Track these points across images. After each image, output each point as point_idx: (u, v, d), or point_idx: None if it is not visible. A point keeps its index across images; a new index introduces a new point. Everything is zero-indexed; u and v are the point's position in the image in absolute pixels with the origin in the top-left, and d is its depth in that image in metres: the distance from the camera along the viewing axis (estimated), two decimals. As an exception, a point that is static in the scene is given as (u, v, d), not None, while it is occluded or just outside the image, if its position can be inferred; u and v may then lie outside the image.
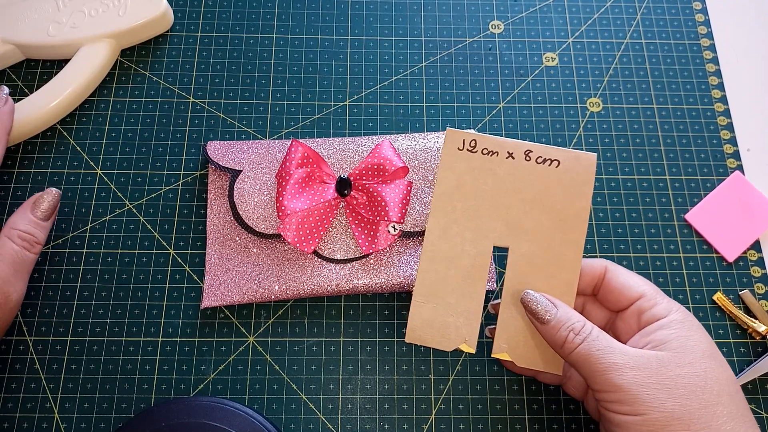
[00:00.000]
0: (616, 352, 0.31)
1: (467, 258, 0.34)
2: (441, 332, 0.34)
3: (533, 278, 0.34)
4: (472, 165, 0.35)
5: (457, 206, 0.35)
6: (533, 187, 0.35)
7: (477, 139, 0.35)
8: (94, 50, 0.45)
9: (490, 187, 0.35)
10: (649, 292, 0.34)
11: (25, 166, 0.44)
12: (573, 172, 0.35)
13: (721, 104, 0.47)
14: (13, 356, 0.39)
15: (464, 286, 0.34)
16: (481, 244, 0.35)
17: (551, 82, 0.48)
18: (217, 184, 0.42)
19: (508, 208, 0.35)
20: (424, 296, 0.34)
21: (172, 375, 0.39)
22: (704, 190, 0.45)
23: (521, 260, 0.34)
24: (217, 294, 0.39)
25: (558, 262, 0.34)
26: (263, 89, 0.47)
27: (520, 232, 0.35)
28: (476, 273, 0.34)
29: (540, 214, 0.35)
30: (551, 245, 0.34)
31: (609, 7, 0.50)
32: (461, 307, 0.34)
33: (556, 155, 0.35)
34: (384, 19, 0.49)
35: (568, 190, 0.35)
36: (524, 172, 0.35)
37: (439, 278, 0.34)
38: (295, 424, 0.38)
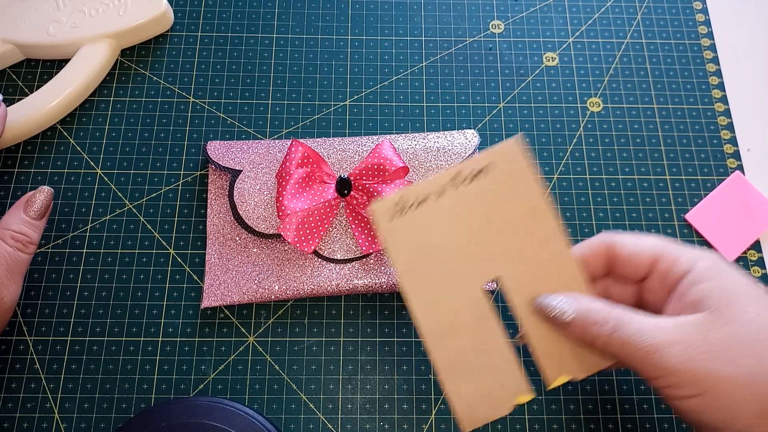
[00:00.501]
0: (651, 330, 0.27)
1: (467, 315, 0.31)
2: (491, 401, 0.31)
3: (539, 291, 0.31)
4: (412, 227, 0.31)
5: (425, 273, 0.31)
6: (482, 208, 0.31)
7: (398, 200, 0.31)
8: (94, 50, 0.45)
9: (445, 234, 0.31)
10: (665, 249, 0.30)
11: (25, 166, 0.44)
12: (508, 169, 0.31)
13: (721, 104, 0.47)
14: (13, 356, 0.39)
15: (481, 343, 0.31)
16: (471, 293, 0.31)
17: (551, 82, 0.48)
18: (217, 184, 0.42)
19: (471, 244, 0.31)
20: (452, 377, 0.31)
21: (172, 375, 0.39)
22: (704, 190, 0.45)
23: (516, 282, 0.31)
24: (217, 294, 0.39)
25: (551, 262, 0.31)
26: (263, 89, 0.47)
27: (499, 259, 0.31)
28: (484, 323, 0.31)
29: (505, 229, 0.31)
30: (535, 251, 0.31)
31: (609, 7, 0.50)
32: (491, 364, 0.31)
33: (481, 162, 0.31)
34: (384, 19, 0.49)
35: (514, 188, 0.31)
36: (464, 199, 0.31)
37: (454, 352, 0.31)
38: (295, 424, 0.38)
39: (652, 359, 0.26)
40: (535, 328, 0.31)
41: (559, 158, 0.45)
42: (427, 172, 0.42)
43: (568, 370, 0.31)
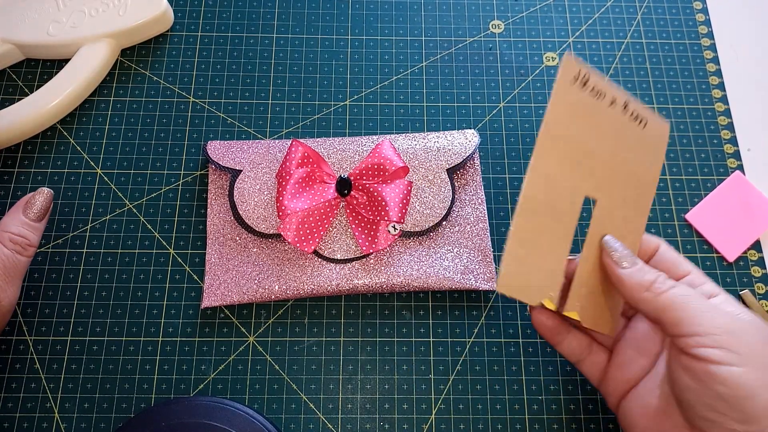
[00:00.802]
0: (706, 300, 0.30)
1: (563, 204, 0.32)
2: (530, 283, 0.32)
3: (612, 227, 0.33)
4: (581, 104, 0.32)
5: (563, 146, 0.32)
6: (624, 142, 0.34)
7: (589, 75, 0.32)
8: (94, 50, 0.45)
9: (594, 136, 0.33)
10: (695, 271, 0.33)
11: (25, 166, 0.44)
12: (654, 136, 0.34)
13: (721, 104, 0.47)
14: (13, 356, 0.39)
15: (555, 235, 0.32)
16: (577, 192, 0.33)
17: (552, 81, 0.48)
18: (217, 183, 0.42)
19: (603, 160, 0.33)
20: (521, 240, 0.31)
21: (172, 375, 0.39)
22: (704, 190, 0.45)
23: (604, 215, 0.33)
24: (217, 294, 0.39)
25: (629, 222, 0.34)
26: (263, 89, 0.47)
27: (609, 187, 0.33)
28: (567, 223, 0.32)
29: (626, 171, 0.34)
30: (629, 205, 0.34)
31: (609, 7, 0.50)
32: (552, 257, 0.32)
33: (645, 115, 0.34)
34: (384, 19, 0.49)
35: (648, 153, 0.34)
36: (621, 125, 0.33)
37: (536, 222, 0.32)
38: (295, 424, 0.38)
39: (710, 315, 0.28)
40: (589, 260, 0.33)
41: (559, 158, 0.45)
42: (427, 172, 0.42)
43: (582, 312, 0.33)
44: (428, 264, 0.40)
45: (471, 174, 0.43)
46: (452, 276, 0.40)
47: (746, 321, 0.29)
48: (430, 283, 0.40)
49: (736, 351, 0.27)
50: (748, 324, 0.29)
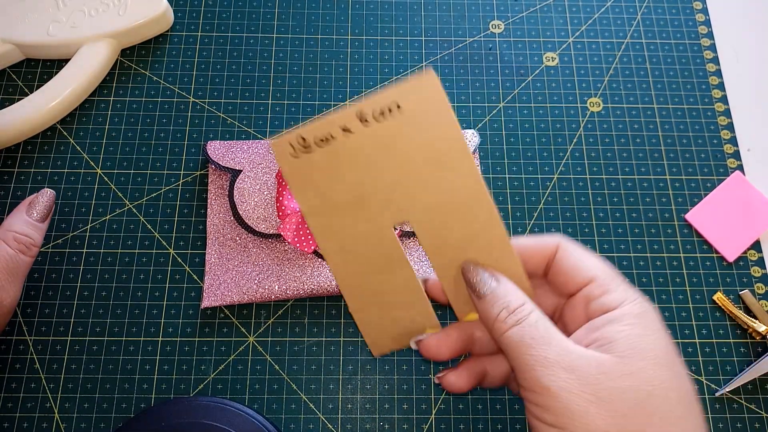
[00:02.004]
0: (553, 346, 0.26)
1: (375, 254, 0.30)
2: (399, 331, 0.31)
3: (452, 237, 0.29)
4: (315, 164, 0.29)
5: (331, 214, 0.30)
6: (392, 147, 0.29)
7: (303, 135, 0.29)
8: (94, 50, 0.45)
9: (352, 173, 0.29)
10: (602, 277, 0.28)
11: (25, 166, 0.44)
12: (419, 104, 0.28)
13: (721, 104, 0.47)
14: (13, 356, 0.39)
15: (390, 279, 0.30)
16: (381, 233, 0.30)
17: (551, 82, 0.48)
18: (217, 184, 0.42)
19: (380, 183, 0.29)
20: (361, 309, 0.31)
21: (172, 375, 0.39)
22: (704, 190, 0.45)
23: (427, 225, 0.29)
24: (217, 294, 0.39)
25: (466, 206, 0.29)
26: (263, 89, 0.47)
27: (408, 200, 0.29)
28: (394, 262, 0.30)
29: (415, 169, 0.29)
30: (449, 193, 0.29)
31: (609, 7, 0.50)
32: (401, 298, 0.30)
33: (390, 98, 0.28)
34: (384, 19, 0.49)
35: (426, 125, 0.29)
36: (373, 137, 0.29)
37: (362, 283, 0.30)
38: (295, 424, 0.38)
39: (538, 373, 0.25)
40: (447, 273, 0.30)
41: (559, 158, 0.45)
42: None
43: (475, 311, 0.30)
44: (428, 264, 0.40)
45: (471, 174, 0.43)
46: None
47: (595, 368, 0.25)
48: (430, 283, 0.40)
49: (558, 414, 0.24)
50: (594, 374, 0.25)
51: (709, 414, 0.39)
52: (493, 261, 0.30)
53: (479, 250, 0.30)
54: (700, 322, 0.41)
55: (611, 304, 0.27)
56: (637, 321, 0.26)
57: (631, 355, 0.25)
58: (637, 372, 0.25)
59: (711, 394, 0.39)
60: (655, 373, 0.25)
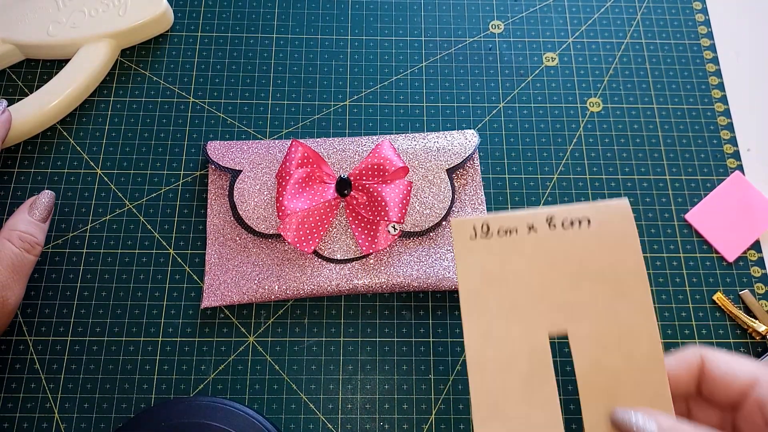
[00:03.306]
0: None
1: (523, 358, 0.28)
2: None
3: (608, 361, 0.28)
4: (492, 252, 0.30)
5: (491, 303, 0.29)
6: (571, 256, 0.29)
7: (489, 222, 0.30)
8: (94, 50, 0.45)
9: (522, 271, 0.29)
10: (765, 375, 0.27)
11: (25, 166, 0.44)
12: (610, 226, 0.30)
13: (721, 104, 0.47)
14: (13, 356, 0.39)
15: (531, 394, 0.28)
16: (534, 337, 0.29)
17: (551, 82, 0.48)
18: (217, 184, 0.42)
19: (550, 287, 0.29)
20: (486, 415, 0.28)
21: (172, 375, 0.39)
22: (704, 190, 0.45)
23: (587, 343, 0.29)
24: (217, 294, 0.39)
25: (631, 333, 0.28)
26: (263, 89, 0.47)
27: (574, 311, 0.29)
28: (540, 373, 0.28)
29: (590, 284, 0.29)
30: (616, 316, 0.29)
31: (609, 7, 0.50)
32: (536, 420, 0.28)
33: (583, 214, 0.30)
34: (384, 19, 0.49)
35: (612, 248, 0.29)
36: (554, 242, 0.30)
37: (496, 391, 0.28)
38: (295, 424, 0.38)
39: None
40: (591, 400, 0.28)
41: (559, 158, 0.45)
42: (427, 172, 0.42)
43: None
44: (428, 264, 0.40)
45: (471, 174, 0.43)
46: (452, 276, 0.40)
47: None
48: (430, 283, 0.40)
49: None
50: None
51: (709, 414, 0.39)
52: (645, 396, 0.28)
53: (632, 382, 0.28)
54: (700, 322, 0.41)
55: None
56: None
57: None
58: None
59: (711, 394, 0.39)
60: None
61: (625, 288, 0.29)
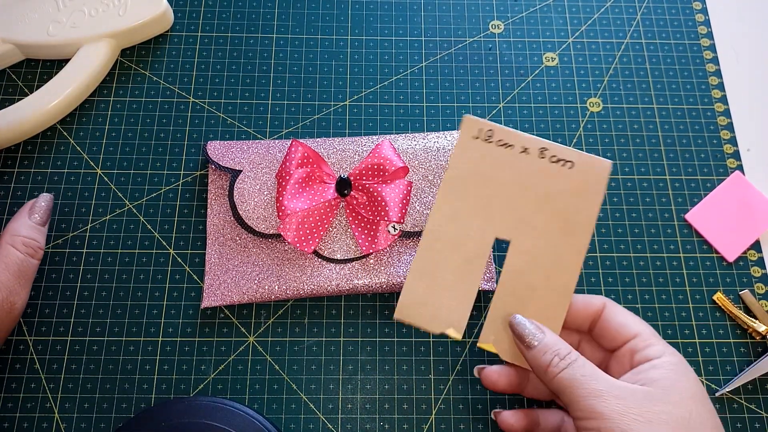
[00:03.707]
0: (601, 380, 0.30)
1: (471, 243, 0.34)
2: (432, 312, 0.34)
3: (531, 275, 0.34)
4: (486, 154, 0.34)
5: (469, 192, 0.34)
6: (545, 186, 0.34)
7: (494, 130, 0.34)
8: (94, 50, 0.45)
9: (503, 179, 0.34)
10: (645, 333, 0.33)
11: (25, 166, 0.44)
12: (586, 176, 0.34)
13: (721, 104, 0.47)
14: (13, 356, 0.39)
15: (463, 270, 0.34)
16: (487, 232, 0.34)
17: (551, 82, 0.48)
18: (217, 184, 0.42)
19: (516, 201, 0.34)
20: (422, 273, 0.34)
21: (172, 375, 0.39)
22: (704, 190, 0.45)
23: (522, 255, 0.34)
24: (217, 294, 0.39)
25: (558, 264, 0.34)
26: (263, 89, 0.47)
27: (526, 228, 0.34)
28: (476, 260, 0.34)
29: (548, 213, 0.34)
30: (555, 246, 0.34)
31: (609, 7, 0.50)
32: (456, 290, 0.34)
33: (571, 156, 0.34)
34: (384, 19, 0.49)
35: (579, 194, 0.34)
36: (537, 169, 0.34)
37: (439, 258, 0.34)
38: (295, 424, 0.38)
39: (592, 402, 0.29)
40: (503, 298, 0.34)
41: (559, 158, 0.45)
42: (427, 172, 0.42)
43: (499, 345, 0.34)
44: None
45: (471, 174, 0.43)
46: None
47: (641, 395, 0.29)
48: (430, 283, 0.40)
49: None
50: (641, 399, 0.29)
51: (709, 414, 0.39)
52: (545, 314, 0.34)
53: (541, 299, 0.34)
54: (700, 322, 0.41)
55: (654, 354, 0.32)
56: (675, 368, 0.31)
57: (671, 390, 0.30)
58: (677, 402, 0.29)
59: (711, 394, 0.39)
60: (693, 405, 0.30)
61: (573, 229, 0.34)
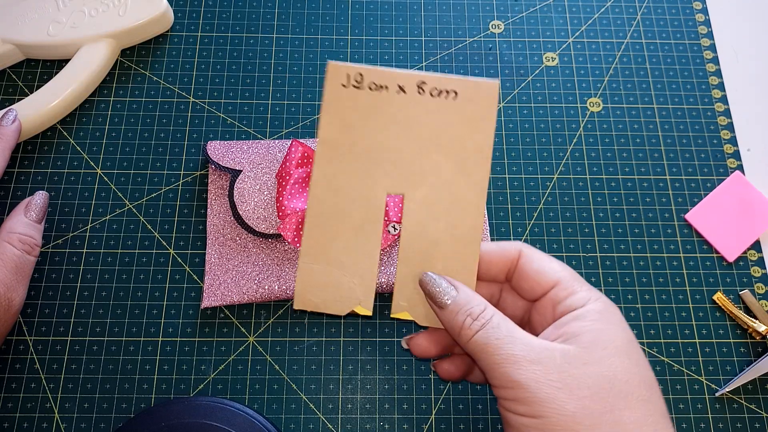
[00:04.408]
0: (517, 343, 0.27)
1: (358, 210, 0.30)
2: (333, 295, 0.31)
3: (433, 228, 0.30)
4: (358, 103, 0.30)
5: (344, 152, 0.30)
6: (429, 124, 0.30)
7: (363, 73, 0.30)
8: (94, 50, 0.45)
9: (381, 128, 0.30)
10: (566, 279, 0.30)
11: (25, 166, 0.44)
12: (473, 104, 0.30)
13: (721, 104, 0.47)
14: (13, 356, 0.39)
15: (356, 242, 0.31)
16: (373, 193, 0.30)
17: (551, 82, 0.48)
18: (217, 184, 0.42)
19: (400, 149, 0.30)
20: (312, 256, 0.31)
21: (172, 375, 0.39)
22: (704, 190, 0.45)
23: (418, 208, 0.31)
24: (217, 294, 0.39)
25: (460, 207, 0.30)
26: (263, 89, 0.47)
27: (415, 177, 0.30)
28: (369, 227, 0.31)
29: (437, 154, 0.30)
30: (451, 189, 0.30)
31: (609, 7, 0.50)
32: (355, 265, 0.31)
33: (453, 85, 0.30)
34: (384, 19, 0.49)
35: (468, 124, 0.30)
36: (418, 107, 0.30)
37: (327, 235, 0.30)
38: (295, 424, 0.38)
39: (507, 369, 0.27)
40: (408, 260, 0.31)
41: (559, 158, 0.45)
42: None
43: (414, 310, 0.31)
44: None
45: (471, 174, 0.43)
46: (452, 276, 0.40)
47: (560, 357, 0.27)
48: (430, 283, 0.40)
49: (529, 404, 0.26)
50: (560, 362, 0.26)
51: (709, 414, 0.39)
52: (454, 267, 0.31)
53: (448, 251, 0.31)
54: (700, 322, 0.41)
55: (577, 303, 0.29)
56: (599, 317, 0.28)
57: (594, 346, 0.27)
58: (600, 360, 0.27)
59: (711, 394, 0.39)
60: (617, 360, 0.27)
61: (468, 165, 0.30)
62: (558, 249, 0.43)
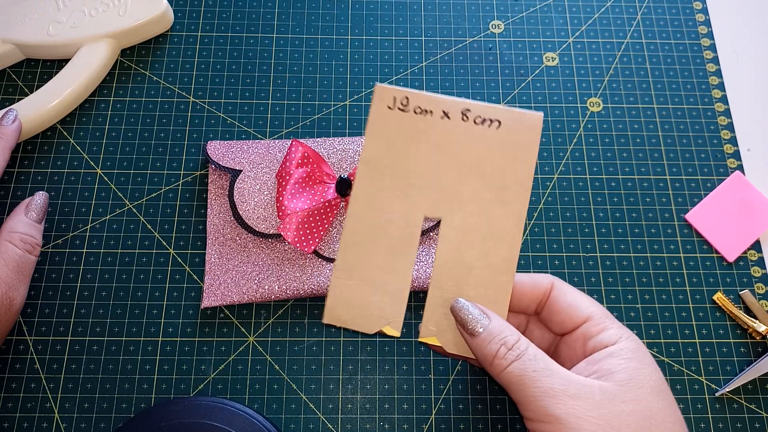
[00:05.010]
0: (555, 377, 0.27)
1: (395, 230, 0.31)
2: (363, 312, 0.31)
3: (467, 255, 0.31)
4: (403, 126, 0.31)
5: (385, 172, 0.31)
6: (471, 151, 0.31)
7: (409, 96, 0.31)
8: (94, 50, 0.45)
9: (423, 151, 0.31)
10: (598, 315, 0.30)
11: (25, 166, 0.44)
12: (516, 134, 0.31)
13: (721, 104, 0.47)
14: (13, 356, 0.39)
15: (390, 261, 0.31)
16: (411, 214, 0.31)
17: (551, 82, 0.48)
18: (217, 184, 0.42)
19: (441, 174, 0.31)
20: (347, 272, 0.31)
21: (172, 375, 0.39)
22: (704, 190, 0.45)
23: (454, 234, 0.31)
24: (217, 294, 0.39)
25: (496, 236, 0.31)
26: (263, 89, 0.47)
27: (454, 202, 0.31)
28: (404, 247, 0.31)
29: (477, 181, 0.31)
30: (489, 217, 0.31)
31: (609, 7, 0.50)
32: (387, 285, 0.31)
33: (497, 115, 0.31)
34: (384, 19, 0.49)
35: (510, 154, 0.31)
36: (461, 133, 0.31)
37: (362, 252, 0.31)
38: (295, 424, 0.38)
39: (545, 403, 0.26)
40: (440, 285, 0.31)
41: (559, 158, 0.45)
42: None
43: (442, 336, 0.31)
44: (428, 264, 0.40)
45: (471, 174, 0.43)
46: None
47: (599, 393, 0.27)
48: (430, 283, 0.40)
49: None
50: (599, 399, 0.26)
51: (709, 414, 0.39)
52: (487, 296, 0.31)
53: (481, 279, 0.31)
54: (700, 322, 0.41)
55: (609, 340, 0.29)
56: (633, 355, 0.28)
57: (630, 384, 0.27)
58: (637, 398, 0.27)
59: (711, 394, 0.39)
60: (653, 400, 0.27)
61: (507, 195, 0.31)
62: (558, 249, 0.43)
